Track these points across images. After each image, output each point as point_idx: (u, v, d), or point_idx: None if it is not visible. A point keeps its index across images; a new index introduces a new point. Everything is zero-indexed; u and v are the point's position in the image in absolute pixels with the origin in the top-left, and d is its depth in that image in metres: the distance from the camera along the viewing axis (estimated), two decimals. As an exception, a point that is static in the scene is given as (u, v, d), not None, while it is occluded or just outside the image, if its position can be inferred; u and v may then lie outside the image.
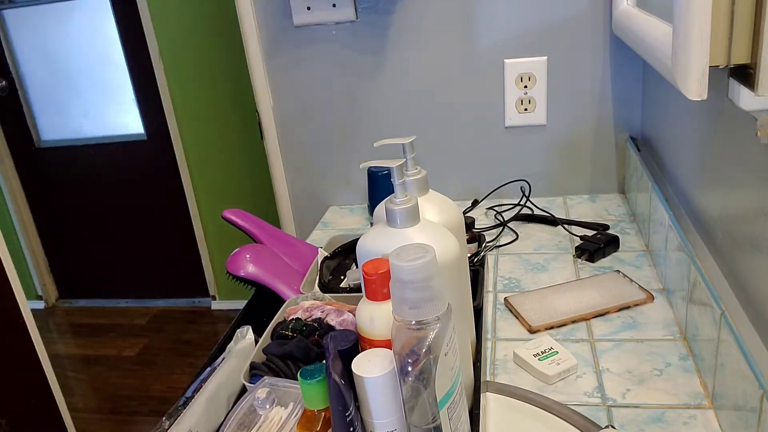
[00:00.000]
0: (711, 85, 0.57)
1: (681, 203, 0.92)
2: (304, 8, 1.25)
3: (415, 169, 0.67)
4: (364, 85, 1.30)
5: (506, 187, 1.30)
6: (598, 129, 1.25)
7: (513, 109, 1.26)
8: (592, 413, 0.70)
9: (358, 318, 0.55)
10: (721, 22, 0.54)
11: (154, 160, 2.80)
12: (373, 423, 0.52)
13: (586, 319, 0.87)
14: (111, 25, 2.63)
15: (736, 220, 0.69)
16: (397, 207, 0.59)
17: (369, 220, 1.31)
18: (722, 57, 0.55)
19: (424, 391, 0.49)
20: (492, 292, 0.98)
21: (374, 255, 0.58)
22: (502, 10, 1.19)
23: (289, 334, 0.73)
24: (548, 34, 1.20)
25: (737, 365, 0.60)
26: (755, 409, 0.56)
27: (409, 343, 0.48)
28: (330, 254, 1.02)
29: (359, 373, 0.50)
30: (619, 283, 0.94)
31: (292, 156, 1.39)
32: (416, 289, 0.48)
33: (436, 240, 0.58)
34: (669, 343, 0.81)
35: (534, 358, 0.78)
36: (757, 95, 0.53)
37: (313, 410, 0.53)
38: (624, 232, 1.11)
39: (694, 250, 0.78)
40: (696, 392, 0.72)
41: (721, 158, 0.74)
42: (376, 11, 1.23)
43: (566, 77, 1.22)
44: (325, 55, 1.29)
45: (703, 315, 0.71)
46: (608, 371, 0.77)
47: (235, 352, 0.76)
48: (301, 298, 0.83)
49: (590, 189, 1.31)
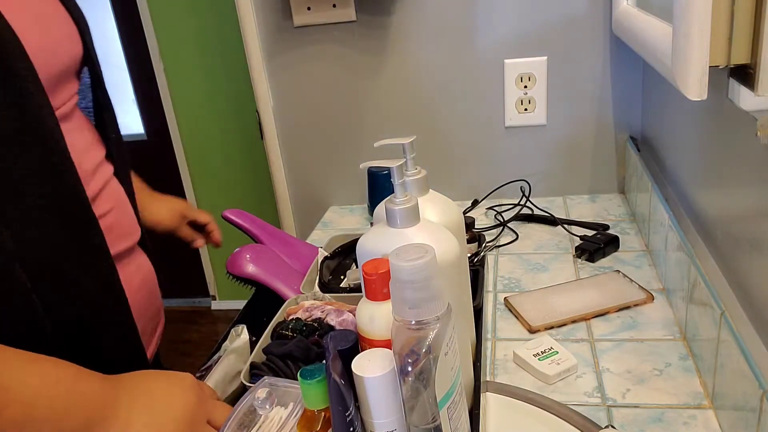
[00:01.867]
0: (711, 85, 0.57)
1: (681, 203, 0.92)
2: (304, 8, 1.25)
3: (415, 169, 0.67)
4: (364, 85, 1.30)
5: (506, 187, 1.30)
6: (598, 129, 1.25)
7: (513, 109, 1.26)
8: (592, 413, 0.70)
9: (358, 318, 0.55)
10: (721, 22, 0.54)
11: (154, 160, 2.80)
12: (373, 423, 0.52)
13: (586, 319, 0.87)
14: (111, 25, 2.63)
15: (736, 220, 0.69)
16: (397, 207, 0.59)
17: (369, 220, 1.31)
18: (722, 57, 0.55)
19: (424, 391, 0.49)
20: (492, 292, 0.98)
21: (374, 255, 0.58)
22: (502, 10, 1.19)
23: (289, 334, 0.73)
24: (548, 34, 1.20)
25: (737, 365, 0.60)
26: (755, 409, 0.56)
27: (409, 343, 0.48)
28: (330, 254, 1.02)
29: (359, 373, 0.50)
30: (619, 283, 0.94)
31: (292, 156, 1.39)
32: (416, 289, 0.48)
33: (436, 240, 0.58)
34: (669, 343, 0.81)
35: (534, 358, 0.78)
36: (757, 95, 0.53)
37: (313, 410, 0.53)
38: (624, 232, 1.11)
39: (694, 250, 0.78)
40: (696, 392, 0.72)
41: (721, 158, 0.74)
42: (376, 11, 1.23)
43: (566, 77, 1.22)
44: (325, 55, 1.29)
45: (703, 315, 0.71)
46: (608, 371, 0.77)
47: (230, 350, 0.76)
48: (301, 298, 0.83)
49: (590, 189, 1.31)
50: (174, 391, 0.59)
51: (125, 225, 0.73)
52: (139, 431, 0.55)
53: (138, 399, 0.57)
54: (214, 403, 0.63)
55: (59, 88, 0.64)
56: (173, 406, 0.58)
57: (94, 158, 0.70)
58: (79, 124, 0.69)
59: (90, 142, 0.70)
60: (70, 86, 0.68)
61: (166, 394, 0.59)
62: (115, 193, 0.72)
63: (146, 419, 0.56)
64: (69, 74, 0.67)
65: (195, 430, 0.58)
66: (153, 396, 0.58)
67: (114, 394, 0.56)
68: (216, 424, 0.61)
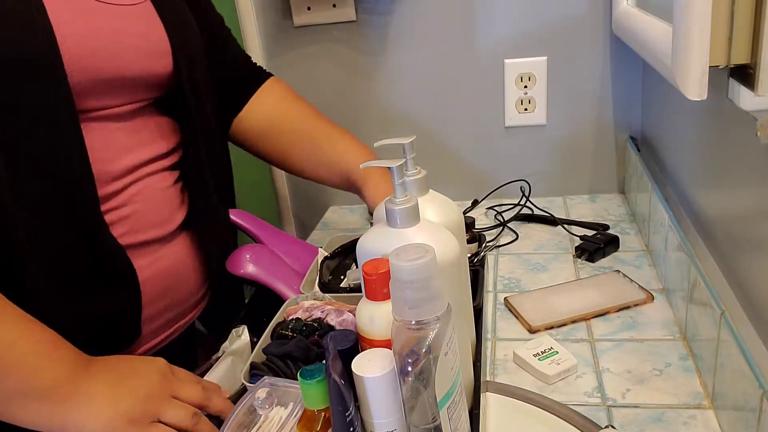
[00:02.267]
0: (711, 85, 0.57)
1: (681, 203, 0.92)
2: (304, 8, 1.25)
3: (415, 169, 0.67)
4: (364, 85, 1.30)
5: (506, 187, 1.30)
6: (598, 129, 1.25)
7: (513, 109, 1.26)
8: (592, 413, 0.70)
9: (358, 318, 0.55)
10: (721, 22, 0.54)
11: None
12: (373, 423, 0.52)
13: (586, 319, 0.87)
14: (111, 25, 2.62)
15: (736, 220, 0.69)
16: (397, 207, 0.59)
17: (369, 220, 1.31)
18: (722, 57, 0.55)
19: (424, 391, 0.49)
20: (492, 292, 0.98)
21: (374, 255, 0.58)
22: (502, 10, 1.19)
23: (289, 334, 0.73)
24: (548, 34, 1.20)
25: (737, 365, 0.60)
26: (755, 409, 0.56)
27: (409, 343, 0.48)
28: (330, 254, 1.02)
29: (359, 373, 0.50)
30: (619, 283, 0.94)
31: (292, 156, 1.39)
32: (416, 289, 0.48)
33: (436, 240, 0.58)
34: (669, 343, 0.81)
35: (534, 358, 0.78)
36: (757, 95, 0.53)
37: (313, 410, 0.53)
38: (624, 232, 1.11)
39: (694, 250, 0.78)
40: (696, 392, 0.72)
41: (721, 158, 0.74)
42: (376, 11, 1.23)
43: (566, 77, 1.22)
44: (325, 56, 1.29)
45: (703, 315, 0.71)
46: (608, 371, 0.77)
47: (230, 351, 0.76)
48: (301, 298, 0.83)
49: (590, 189, 1.31)
50: (139, 367, 0.63)
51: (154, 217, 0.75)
52: (98, 405, 0.58)
53: (104, 377, 0.60)
54: (182, 382, 0.65)
55: (115, 91, 0.69)
56: (135, 380, 0.61)
57: (141, 156, 0.74)
58: (136, 126, 0.74)
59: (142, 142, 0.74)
60: (139, 91, 0.73)
61: (132, 371, 0.62)
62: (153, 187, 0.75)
63: (107, 391, 0.59)
64: (137, 83, 0.72)
65: (155, 403, 0.60)
66: (119, 373, 0.61)
67: (84, 369, 0.59)
68: (183, 399, 0.63)
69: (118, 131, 0.71)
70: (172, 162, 0.80)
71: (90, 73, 0.65)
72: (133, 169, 0.73)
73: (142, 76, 0.72)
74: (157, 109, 0.79)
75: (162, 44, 0.75)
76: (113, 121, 0.71)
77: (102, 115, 0.69)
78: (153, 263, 0.74)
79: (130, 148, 0.72)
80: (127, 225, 0.71)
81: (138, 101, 0.74)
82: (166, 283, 0.77)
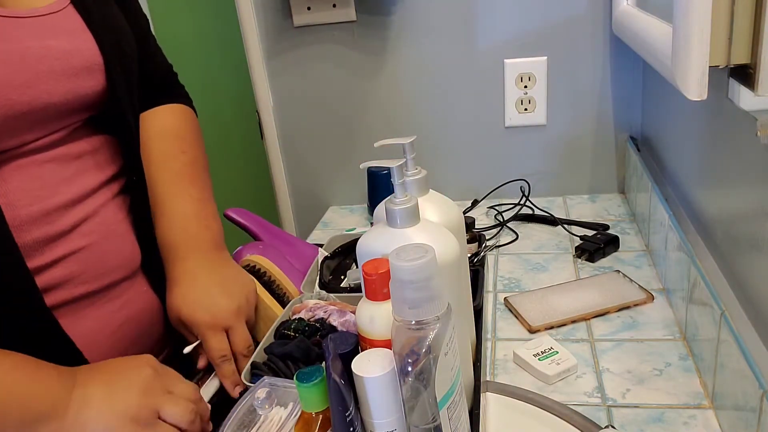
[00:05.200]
0: (711, 85, 0.57)
1: (681, 203, 0.92)
2: (304, 8, 1.25)
3: (415, 169, 0.67)
4: (364, 85, 1.30)
5: (506, 187, 1.30)
6: (598, 129, 1.25)
7: (513, 109, 1.26)
8: (592, 413, 0.70)
9: (358, 318, 0.55)
10: (721, 22, 0.54)
11: (154, 160, 2.80)
12: (373, 423, 0.52)
13: (586, 319, 0.87)
14: (111, 25, 2.63)
15: (736, 220, 0.69)
16: (397, 207, 0.59)
17: (369, 220, 1.31)
18: (722, 57, 0.55)
19: (424, 391, 0.49)
20: (492, 292, 0.98)
21: (374, 255, 0.58)
22: (502, 10, 1.19)
23: (291, 334, 0.73)
24: (548, 34, 1.20)
25: (737, 365, 0.60)
26: (755, 409, 0.56)
27: (409, 343, 0.48)
28: (330, 254, 1.02)
29: (359, 373, 0.50)
30: (619, 283, 0.94)
31: (293, 156, 1.39)
32: (416, 289, 0.48)
33: (436, 240, 0.58)
34: (669, 343, 0.81)
35: (534, 358, 0.78)
36: (757, 95, 0.53)
37: (311, 413, 0.53)
38: (624, 232, 1.11)
39: (694, 250, 0.78)
40: (696, 392, 0.72)
41: (721, 158, 0.74)
42: (376, 11, 1.23)
43: (566, 77, 1.22)
44: (325, 55, 1.29)
45: (703, 315, 0.71)
46: (608, 371, 0.77)
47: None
48: (306, 297, 0.82)
49: (590, 189, 1.31)
50: (129, 364, 0.61)
51: (112, 257, 0.68)
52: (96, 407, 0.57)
53: (96, 378, 0.59)
54: (176, 381, 0.64)
55: (36, 124, 0.60)
56: (129, 376, 0.60)
57: (83, 185, 0.65)
58: (69, 152, 0.64)
59: (82, 170, 0.66)
60: (65, 117, 0.63)
61: (123, 368, 0.61)
62: (106, 221, 0.67)
63: (101, 391, 0.58)
64: (62, 110, 0.62)
65: (151, 397, 0.59)
66: (109, 372, 0.60)
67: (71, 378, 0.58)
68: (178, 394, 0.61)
69: (48, 164, 0.62)
70: (121, 186, 0.71)
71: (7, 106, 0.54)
72: (78, 201, 0.64)
73: (67, 100, 0.61)
74: (91, 127, 0.68)
75: (91, 58, 0.63)
76: (39, 153, 0.61)
77: (24, 151, 0.59)
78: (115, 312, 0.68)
79: (68, 180, 0.64)
80: (83, 265, 0.64)
81: (65, 128, 0.63)
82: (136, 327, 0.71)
